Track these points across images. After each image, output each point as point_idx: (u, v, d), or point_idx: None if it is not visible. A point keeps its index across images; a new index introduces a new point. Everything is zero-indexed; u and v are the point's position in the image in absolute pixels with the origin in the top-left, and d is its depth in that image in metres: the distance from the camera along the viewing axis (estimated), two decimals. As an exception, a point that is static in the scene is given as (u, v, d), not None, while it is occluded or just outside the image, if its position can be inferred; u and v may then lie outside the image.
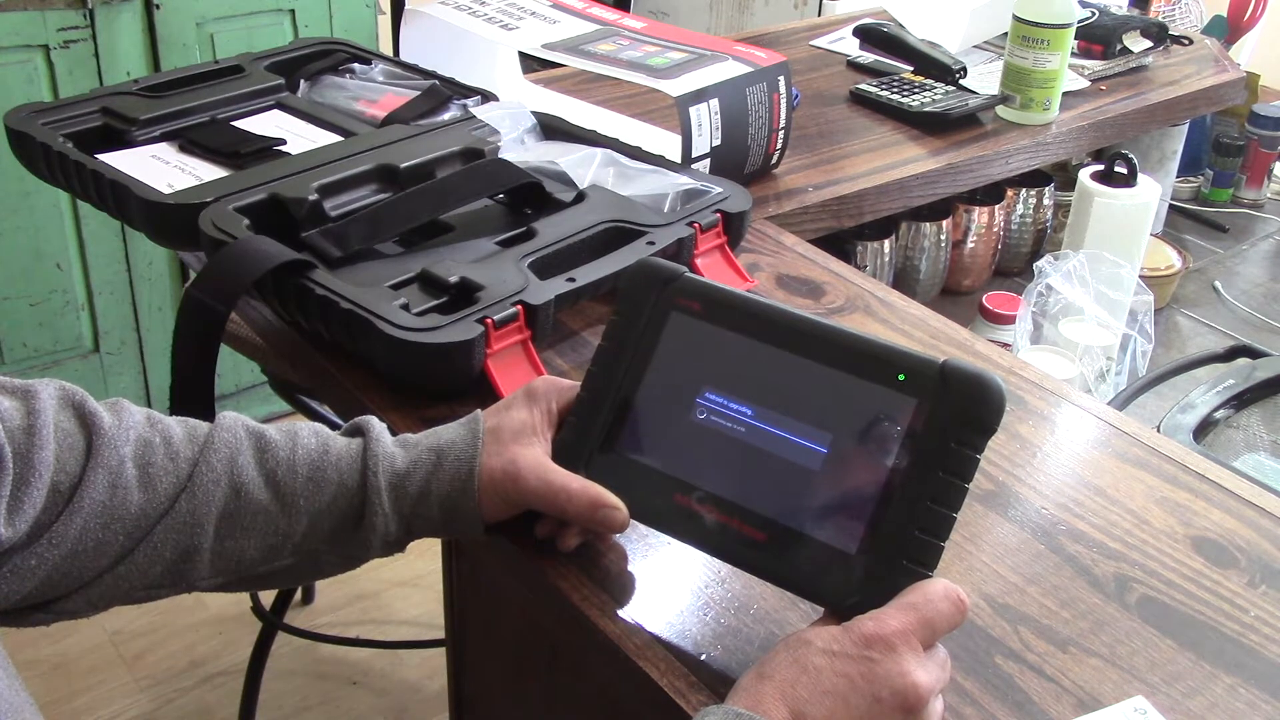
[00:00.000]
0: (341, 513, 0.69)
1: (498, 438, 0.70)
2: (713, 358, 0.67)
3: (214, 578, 0.68)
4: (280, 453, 0.69)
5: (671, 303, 0.69)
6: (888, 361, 0.63)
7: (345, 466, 0.69)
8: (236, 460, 0.68)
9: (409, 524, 0.70)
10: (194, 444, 0.68)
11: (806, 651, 0.57)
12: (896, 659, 0.57)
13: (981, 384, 0.61)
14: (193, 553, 0.66)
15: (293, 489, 0.68)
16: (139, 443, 0.66)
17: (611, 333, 0.70)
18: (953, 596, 0.59)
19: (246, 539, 0.68)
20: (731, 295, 0.68)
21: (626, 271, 0.71)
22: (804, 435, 0.64)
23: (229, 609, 2.02)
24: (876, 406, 0.63)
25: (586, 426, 0.70)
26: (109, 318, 2.14)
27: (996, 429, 0.61)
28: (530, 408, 0.71)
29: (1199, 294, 1.55)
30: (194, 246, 0.96)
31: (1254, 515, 0.79)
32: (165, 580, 0.67)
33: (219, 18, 2.06)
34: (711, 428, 0.66)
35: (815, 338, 0.65)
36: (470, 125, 1.11)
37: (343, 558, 0.71)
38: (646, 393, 0.69)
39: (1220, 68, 1.64)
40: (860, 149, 1.33)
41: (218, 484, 0.67)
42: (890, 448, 0.62)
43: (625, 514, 0.67)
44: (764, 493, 0.64)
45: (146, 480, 0.65)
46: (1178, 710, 0.65)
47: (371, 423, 0.72)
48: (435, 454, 0.70)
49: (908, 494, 0.61)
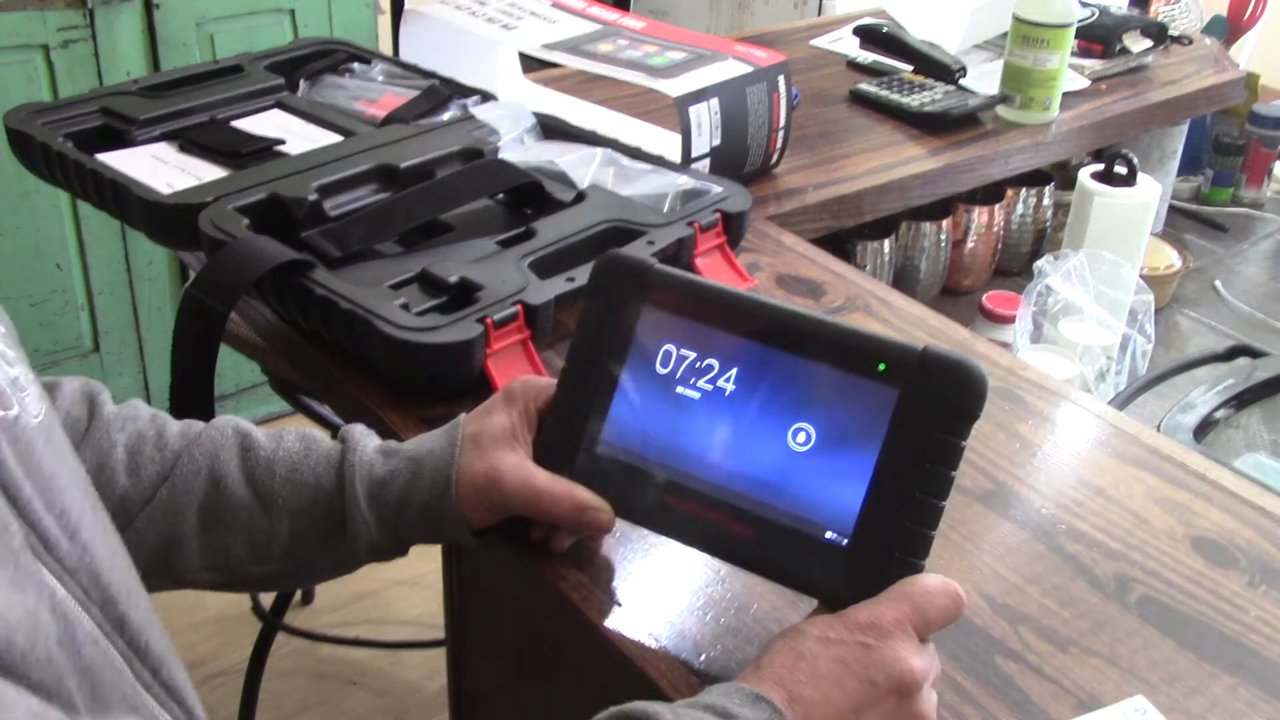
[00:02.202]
0: (323, 516, 0.69)
1: (478, 444, 0.69)
2: (689, 353, 0.65)
3: (206, 572, 0.69)
4: (262, 452, 0.70)
5: (644, 296, 0.67)
6: (867, 351, 0.62)
7: (323, 470, 0.70)
8: (219, 455, 0.70)
9: (397, 531, 0.70)
10: (184, 439, 0.70)
11: (802, 640, 0.58)
12: (891, 645, 0.57)
13: (962, 369, 0.60)
14: (177, 542, 0.68)
15: (270, 488, 0.69)
16: (135, 434, 0.69)
17: (583, 329, 0.69)
18: (949, 591, 0.60)
19: (231, 535, 0.69)
20: (704, 287, 0.67)
21: (595, 267, 0.69)
22: (788, 429, 0.63)
23: (229, 609, 2.02)
24: (859, 398, 0.61)
25: (565, 426, 0.69)
26: (109, 318, 2.14)
27: (980, 414, 0.60)
28: (509, 411, 0.70)
29: (1199, 294, 1.55)
30: (194, 246, 0.96)
31: (1254, 515, 0.79)
32: (154, 569, 0.68)
33: (219, 18, 2.06)
34: (692, 423, 0.65)
35: (793, 329, 0.64)
36: (470, 125, 1.11)
37: (335, 563, 0.71)
38: (624, 389, 0.67)
39: (1220, 67, 1.64)
40: (860, 149, 1.33)
41: (197, 474, 0.69)
42: (875, 439, 0.61)
43: (610, 514, 0.67)
44: (749, 488, 0.64)
45: (134, 467, 0.68)
46: (1178, 710, 0.65)
47: (354, 431, 0.72)
48: (414, 463, 0.70)
49: (895, 484, 0.60)
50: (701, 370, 0.65)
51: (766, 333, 0.64)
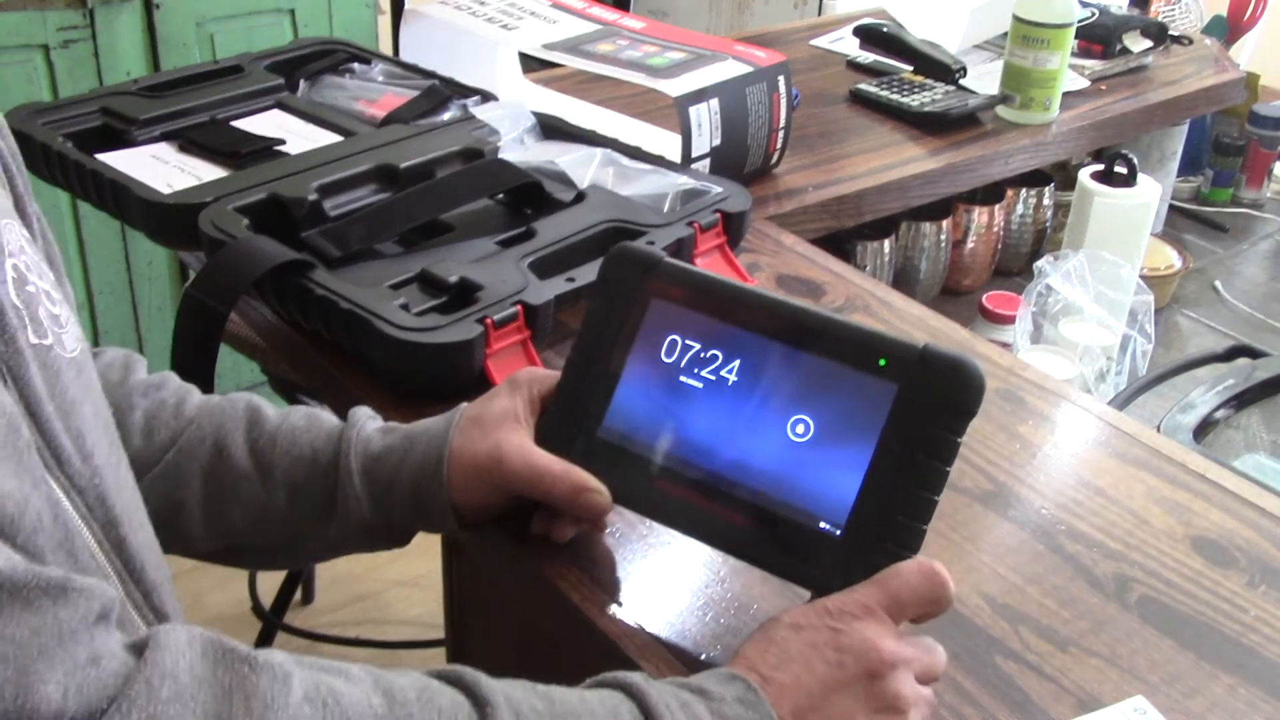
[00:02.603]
0: (318, 492, 0.70)
1: (480, 424, 0.70)
2: (694, 344, 0.67)
3: (208, 539, 0.71)
4: (267, 425, 0.72)
5: (652, 289, 0.68)
6: (869, 346, 0.63)
7: (321, 445, 0.71)
8: (225, 425, 0.72)
9: (386, 511, 0.70)
10: (199, 409, 0.73)
11: (775, 627, 0.59)
12: (859, 627, 0.58)
13: (961, 367, 0.61)
14: (180, 506, 0.70)
15: (269, 459, 0.70)
16: (157, 401, 0.73)
17: (591, 319, 0.70)
18: (924, 570, 0.60)
19: (231, 504, 0.70)
20: (712, 281, 0.68)
21: (606, 258, 0.71)
22: (786, 420, 0.64)
23: (229, 609, 2.02)
24: (858, 391, 0.63)
25: (568, 412, 0.70)
26: (109, 318, 2.14)
27: (976, 411, 0.61)
28: (513, 395, 0.71)
29: (1199, 294, 1.55)
30: (194, 246, 0.96)
31: (1254, 515, 0.79)
32: (158, 532, 0.68)
33: (219, 18, 2.06)
34: (693, 411, 0.66)
35: (796, 323, 0.65)
36: (470, 125, 1.11)
37: (328, 543, 0.72)
38: (628, 378, 0.68)
39: (1220, 68, 1.64)
40: (860, 149, 1.33)
41: (203, 442, 0.71)
42: (872, 432, 0.62)
43: (608, 498, 0.67)
44: (746, 477, 0.64)
45: (148, 431, 0.71)
46: (1178, 710, 0.65)
47: (360, 410, 0.74)
48: (408, 440, 0.71)
49: (890, 478, 0.61)
50: (705, 361, 0.66)
51: (770, 327, 0.65)
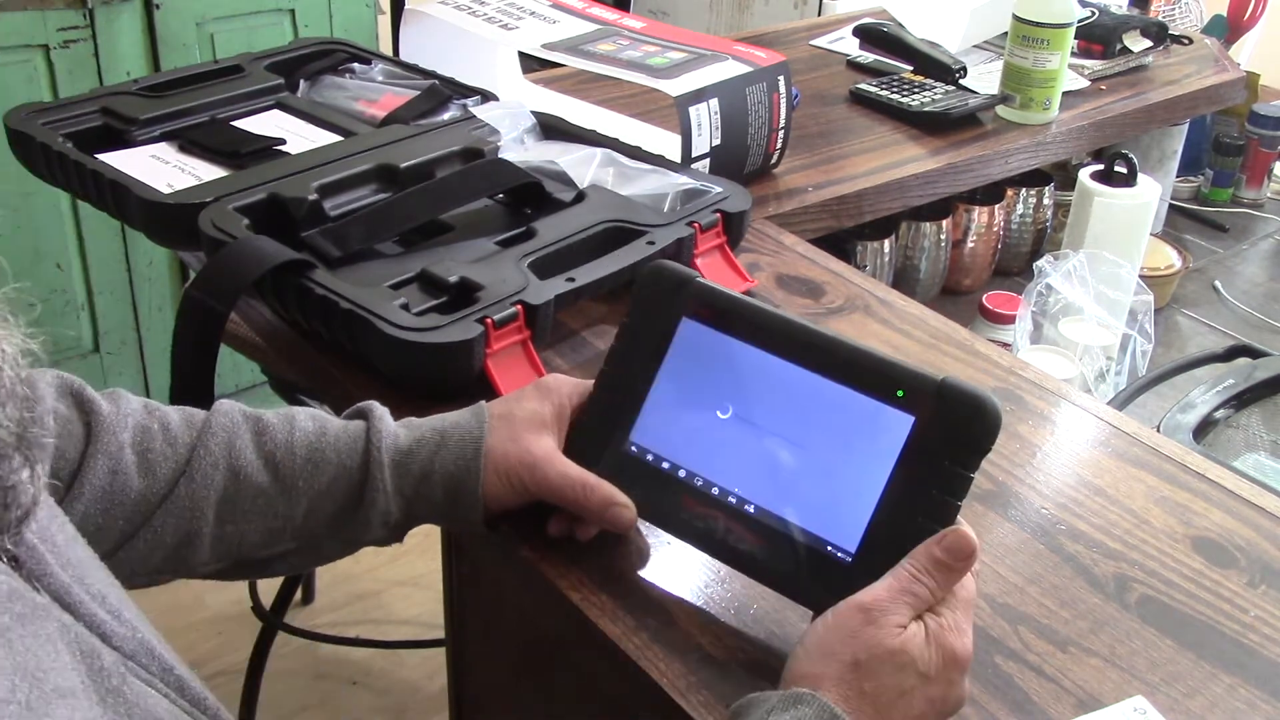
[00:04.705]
0: (342, 494, 0.69)
1: (510, 423, 0.70)
2: (721, 365, 0.69)
3: (214, 563, 0.69)
4: (278, 435, 0.69)
5: (684, 308, 0.70)
6: (888, 376, 0.64)
7: (344, 447, 0.70)
8: (234, 444, 0.68)
9: (410, 506, 0.70)
10: (191, 429, 0.69)
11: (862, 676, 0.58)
12: (871, 631, 0.58)
13: (978, 404, 0.62)
14: (193, 537, 0.67)
15: (291, 470, 0.69)
16: (137, 429, 0.67)
17: (625, 334, 0.72)
18: (949, 543, 0.60)
19: (247, 523, 0.68)
20: (742, 304, 0.69)
21: (640, 274, 0.72)
22: (806, 445, 0.65)
23: (229, 609, 2.02)
24: (875, 420, 0.64)
25: (599, 425, 0.71)
26: (109, 318, 2.14)
27: (990, 449, 0.62)
28: (542, 401, 0.72)
29: (1199, 294, 1.55)
30: (194, 246, 0.96)
31: (1254, 515, 0.79)
32: (166, 566, 0.67)
33: (219, 18, 2.05)
34: (717, 432, 0.68)
35: (821, 350, 0.66)
36: (470, 125, 1.11)
37: (342, 542, 0.71)
38: (656, 396, 0.70)
39: (1220, 67, 1.64)
40: (860, 149, 1.32)
41: (216, 468, 0.68)
42: (888, 462, 0.63)
43: (634, 513, 0.69)
44: (764, 499, 0.66)
45: (146, 466, 0.66)
46: (1177, 710, 0.65)
47: (374, 406, 0.73)
48: (439, 434, 0.70)
49: (902, 508, 0.62)
50: (730, 382, 0.68)
51: (796, 352, 0.67)
